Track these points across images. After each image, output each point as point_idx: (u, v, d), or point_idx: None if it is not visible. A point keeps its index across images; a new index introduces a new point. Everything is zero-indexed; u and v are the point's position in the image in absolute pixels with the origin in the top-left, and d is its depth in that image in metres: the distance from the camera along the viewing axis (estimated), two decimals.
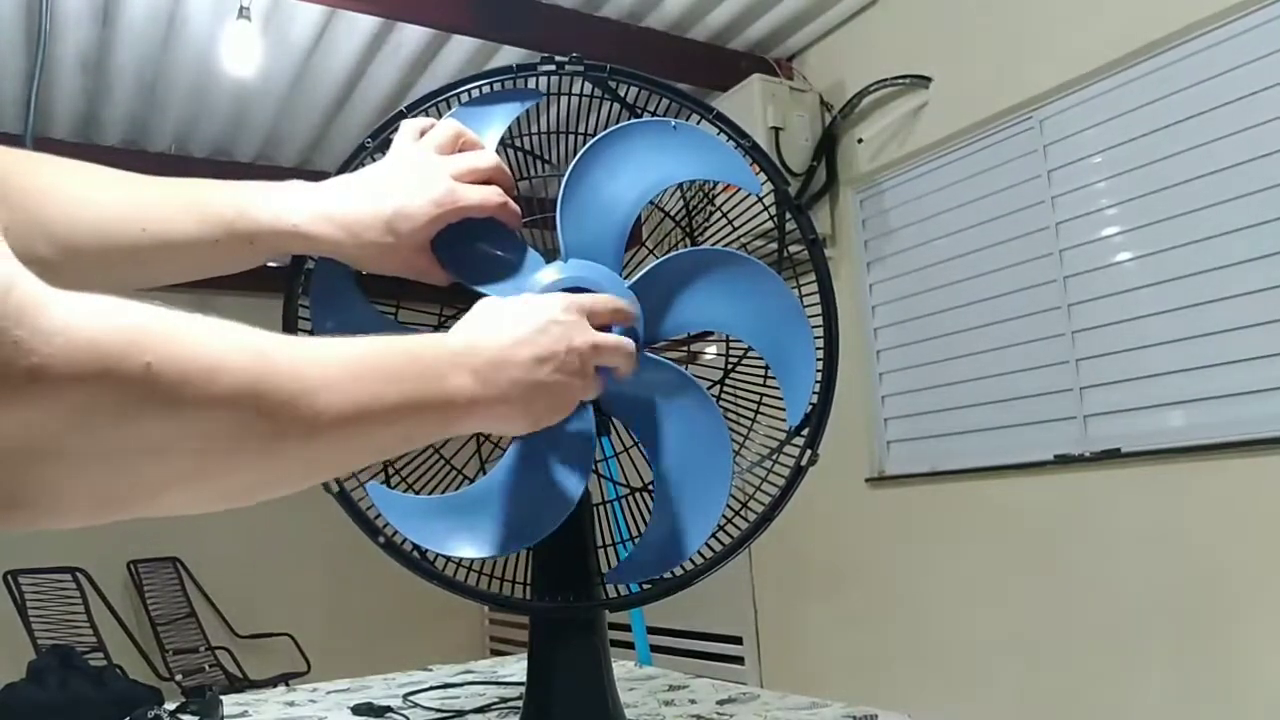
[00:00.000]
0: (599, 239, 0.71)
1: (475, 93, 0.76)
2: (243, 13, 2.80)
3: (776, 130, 3.19)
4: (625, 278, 0.72)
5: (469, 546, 0.68)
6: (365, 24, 3.05)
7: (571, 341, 0.60)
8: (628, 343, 0.65)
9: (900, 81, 3.07)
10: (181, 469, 0.37)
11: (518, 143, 0.82)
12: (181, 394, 0.35)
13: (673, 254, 0.75)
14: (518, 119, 0.77)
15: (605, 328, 0.65)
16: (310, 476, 0.47)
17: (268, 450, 0.41)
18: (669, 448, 0.72)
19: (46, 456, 0.32)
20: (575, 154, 0.72)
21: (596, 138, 0.73)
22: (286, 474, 0.44)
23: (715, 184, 0.85)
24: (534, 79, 0.76)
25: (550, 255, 0.71)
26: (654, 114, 0.80)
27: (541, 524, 0.69)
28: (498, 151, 0.73)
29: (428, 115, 0.75)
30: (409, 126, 0.69)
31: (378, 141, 0.73)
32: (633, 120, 0.76)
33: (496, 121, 0.74)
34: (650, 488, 0.81)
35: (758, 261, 0.76)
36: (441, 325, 0.77)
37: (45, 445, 0.31)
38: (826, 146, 3.31)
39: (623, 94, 0.78)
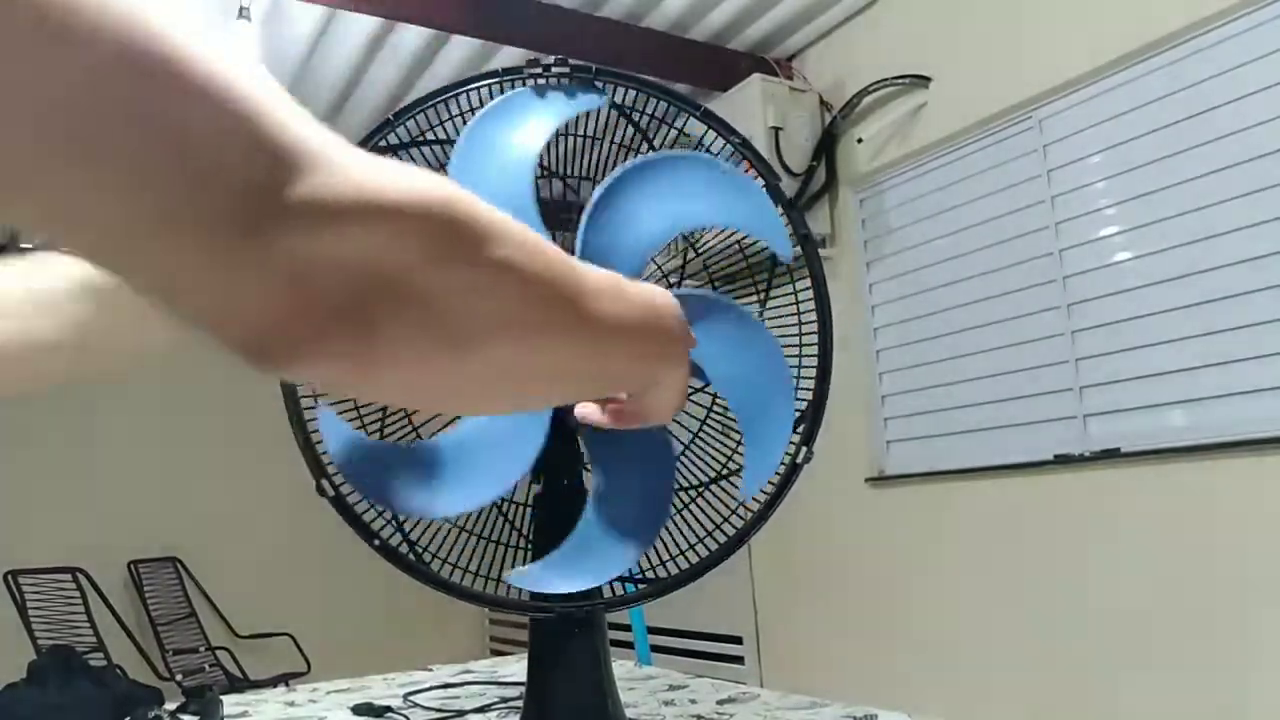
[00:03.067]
0: (619, 256, 0.70)
1: (471, 96, 0.76)
2: (243, 13, 2.80)
3: (776, 130, 3.19)
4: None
5: (420, 500, 0.66)
6: (365, 24, 3.05)
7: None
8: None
9: (900, 81, 3.07)
10: (481, 325, 0.39)
11: None
12: (478, 250, 0.38)
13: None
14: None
15: None
16: (563, 382, 0.49)
17: (538, 330, 0.43)
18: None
19: (377, 286, 0.35)
20: (570, 156, 0.72)
21: (641, 160, 0.72)
22: (548, 367, 0.46)
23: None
24: (523, 82, 0.76)
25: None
26: (646, 114, 0.80)
27: (504, 479, 0.68)
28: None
29: (426, 117, 0.75)
30: None
31: (368, 149, 0.73)
32: (686, 152, 0.75)
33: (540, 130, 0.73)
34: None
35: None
36: None
37: (373, 271, 0.34)
38: (826, 146, 3.31)
39: (614, 96, 0.78)
